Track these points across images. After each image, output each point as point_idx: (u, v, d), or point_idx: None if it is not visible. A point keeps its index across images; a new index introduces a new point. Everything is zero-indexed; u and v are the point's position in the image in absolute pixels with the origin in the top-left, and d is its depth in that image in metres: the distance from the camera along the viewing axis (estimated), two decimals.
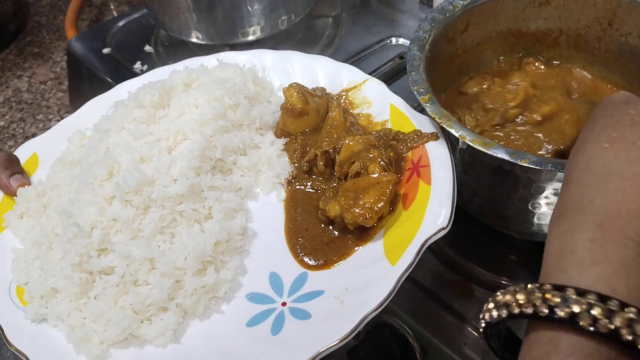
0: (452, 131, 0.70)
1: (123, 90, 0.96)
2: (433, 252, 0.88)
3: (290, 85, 0.85)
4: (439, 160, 0.75)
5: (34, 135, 1.45)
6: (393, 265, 0.67)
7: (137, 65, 1.29)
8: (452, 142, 0.76)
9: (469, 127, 0.77)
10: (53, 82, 1.65)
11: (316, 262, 0.73)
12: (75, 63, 1.38)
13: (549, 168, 0.63)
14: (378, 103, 0.87)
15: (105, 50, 1.34)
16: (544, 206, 0.73)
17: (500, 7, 0.90)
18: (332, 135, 0.82)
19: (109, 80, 1.26)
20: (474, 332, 0.79)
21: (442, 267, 0.87)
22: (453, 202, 0.70)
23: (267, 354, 0.63)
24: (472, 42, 0.93)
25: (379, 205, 0.70)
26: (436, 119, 0.72)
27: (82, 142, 0.89)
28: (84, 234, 0.70)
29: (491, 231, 0.86)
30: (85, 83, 1.35)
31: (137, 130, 0.81)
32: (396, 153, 0.78)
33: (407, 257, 0.66)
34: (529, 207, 0.74)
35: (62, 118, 1.51)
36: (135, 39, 1.38)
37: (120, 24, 1.44)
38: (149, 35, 1.40)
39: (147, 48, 1.35)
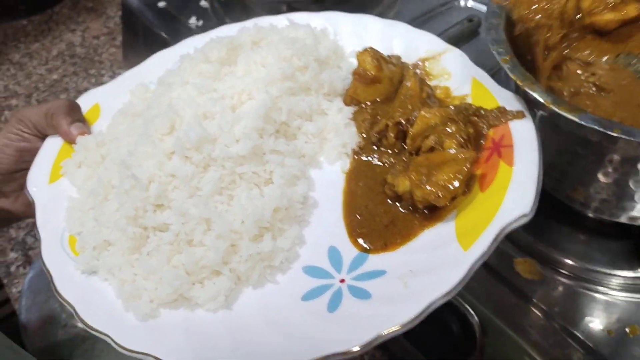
0: (536, 95, 0.63)
1: (189, 45, 0.92)
2: None
3: (365, 50, 0.80)
4: (523, 141, 0.68)
5: (86, 90, 1.45)
6: (465, 251, 0.61)
7: (192, 21, 1.26)
8: (531, 109, 0.70)
9: None
10: (106, 37, 1.64)
11: (372, 246, 0.68)
12: (130, 17, 1.36)
13: None
14: (458, 75, 0.81)
15: (161, 4, 1.32)
16: (632, 184, 0.66)
17: None
18: (406, 105, 0.76)
19: (164, 35, 1.24)
20: (539, 315, 0.74)
21: (507, 245, 0.82)
22: (538, 187, 0.63)
23: (323, 330, 0.59)
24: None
25: (454, 184, 0.65)
26: (518, 81, 0.65)
27: (146, 96, 0.86)
28: (141, 187, 0.67)
29: (562, 209, 0.80)
30: (139, 38, 1.34)
31: (202, 85, 0.77)
32: (476, 130, 0.71)
33: (482, 242, 0.60)
34: (613, 184, 0.67)
35: (115, 73, 1.51)
36: None
37: None
38: None
39: (203, 3, 1.32)
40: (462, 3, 1.23)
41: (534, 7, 0.68)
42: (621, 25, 0.62)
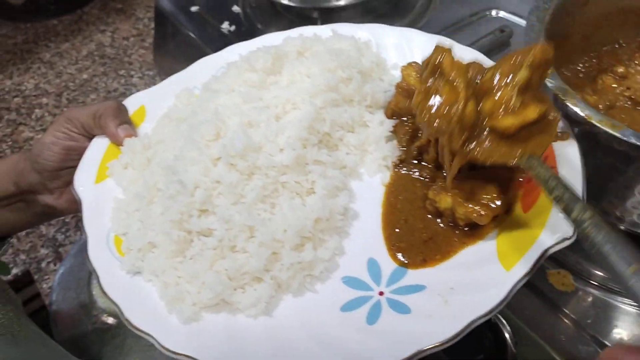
0: (577, 110, 0.65)
1: (234, 52, 0.94)
2: None
3: (409, 64, 0.80)
4: (568, 163, 0.68)
5: (115, 90, 1.49)
6: (508, 271, 0.61)
7: (225, 25, 1.28)
8: (570, 123, 0.71)
9: None
10: (135, 38, 1.67)
11: (410, 261, 0.68)
12: (162, 20, 1.38)
13: None
14: None
15: (194, 8, 1.34)
16: None
17: None
18: None
19: (196, 39, 1.26)
20: (571, 326, 0.75)
21: None
22: None
23: (362, 342, 0.60)
24: (590, 18, 0.86)
25: (497, 203, 0.65)
26: (559, 95, 0.66)
27: (190, 101, 0.88)
28: (187, 192, 0.69)
29: None
30: (171, 41, 1.36)
31: (247, 93, 0.79)
32: None
33: (525, 264, 0.61)
34: None
35: (144, 75, 1.54)
36: None
37: None
38: None
39: (235, 8, 1.34)
40: (493, 14, 1.23)
41: (433, 111, 0.65)
42: (522, 128, 0.62)
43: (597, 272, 0.80)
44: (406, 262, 0.68)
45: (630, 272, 0.45)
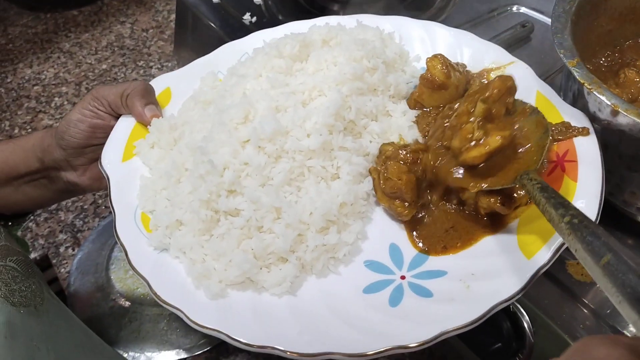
0: (604, 98, 0.66)
1: (258, 38, 0.95)
2: None
3: (435, 56, 0.82)
4: (587, 157, 0.70)
5: (134, 80, 1.50)
6: (529, 259, 0.63)
7: (247, 17, 1.28)
8: (595, 114, 0.72)
9: None
10: (155, 30, 1.68)
11: (431, 248, 0.70)
12: (184, 11, 1.38)
13: None
14: (522, 88, 0.81)
15: (215, 0, 1.34)
16: None
17: None
18: None
19: (218, 30, 1.27)
20: (590, 315, 0.75)
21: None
22: (601, 202, 0.65)
23: (386, 323, 0.62)
24: (614, 12, 0.88)
25: (519, 193, 0.67)
26: (585, 84, 0.68)
27: (215, 84, 0.90)
28: (216, 173, 0.71)
29: (613, 214, 0.80)
30: (192, 32, 1.36)
31: (275, 79, 0.80)
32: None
33: (546, 253, 0.63)
34: None
35: (163, 66, 1.56)
36: None
37: None
38: None
39: (257, 0, 1.34)
40: (514, 9, 1.24)
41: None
42: (489, 158, 0.66)
43: None
44: (426, 249, 0.70)
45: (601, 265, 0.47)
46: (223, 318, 0.64)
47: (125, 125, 0.85)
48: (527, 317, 0.75)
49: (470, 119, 0.68)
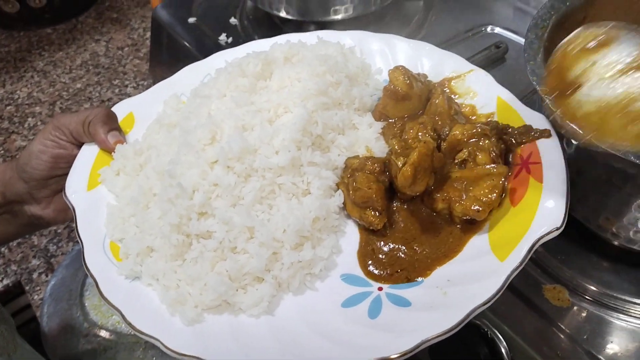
0: (576, 127, 0.65)
1: (220, 59, 0.95)
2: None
3: (396, 68, 0.83)
4: (551, 158, 0.72)
5: (109, 100, 1.48)
6: (502, 261, 0.64)
7: (222, 37, 1.28)
8: (569, 140, 0.72)
9: None
10: (130, 48, 1.67)
11: (383, 274, 0.70)
12: (159, 31, 1.38)
13: None
14: (483, 94, 0.84)
15: (191, 20, 1.34)
16: None
17: (623, 1, 0.84)
18: (437, 122, 0.79)
19: (193, 50, 1.26)
20: (567, 341, 0.75)
21: (536, 271, 0.83)
22: (567, 202, 0.67)
23: (367, 335, 0.62)
24: None
25: (491, 197, 0.68)
26: (558, 112, 0.67)
27: (178, 106, 0.89)
28: (186, 195, 0.70)
29: (590, 237, 0.82)
30: (167, 52, 1.35)
31: (240, 98, 0.80)
32: (505, 146, 0.75)
33: (518, 254, 0.64)
34: None
35: (138, 85, 1.54)
36: (221, 9, 1.37)
37: None
38: (235, 7, 1.38)
39: (233, 20, 1.34)
40: (489, 29, 1.25)
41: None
42: (424, 194, 0.72)
43: (592, 287, 0.81)
44: (380, 275, 0.70)
45: None
46: (201, 344, 0.62)
47: (88, 154, 0.83)
48: (504, 343, 0.75)
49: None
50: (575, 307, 0.79)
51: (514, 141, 0.76)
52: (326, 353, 0.60)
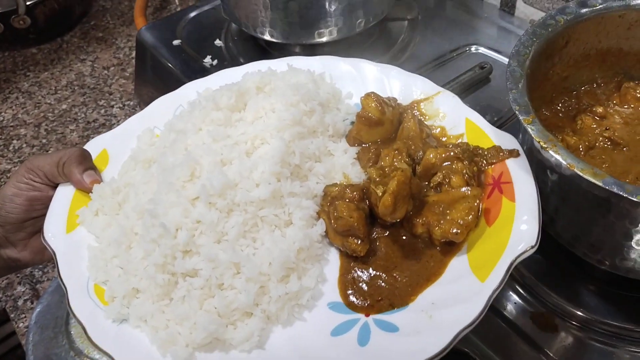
0: (559, 158, 0.66)
1: (191, 90, 0.95)
2: (515, 280, 0.85)
3: (368, 95, 0.85)
4: (521, 178, 0.75)
5: (95, 121, 1.46)
6: (483, 282, 0.67)
7: (207, 60, 1.28)
8: (552, 168, 0.73)
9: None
10: (116, 68, 1.65)
11: (364, 304, 0.71)
12: (143, 53, 1.36)
13: None
14: (452, 116, 0.87)
15: (176, 42, 1.33)
16: None
17: (604, 24, 0.86)
18: (410, 146, 0.82)
19: (178, 72, 1.25)
20: None
21: (524, 297, 0.84)
22: (539, 219, 0.70)
23: None
24: (569, 60, 0.90)
25: (468, 219, 0.71)
26: (541, 143, 0.68)
27: (152, 141, 0.89)
28: (169, 235, 0.70)
29: (577, 262, 0.82)
30: (152, 74, 1.34)
31: (216, 132, 0.80)
32: (478, 168, 0.78)
33: (497, 274, 0.66)
34: (633, 244, 0.70)
35: (125, 105, 1.52)
36: (206, 32, 1.37)
37: (192, 15, 1.42)
38: (220, 29, 1.38)
39: (218, 42, 1.34)
40: (473, 49, 1.26)
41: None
42: (404, 219, 0.74)
43: (579, 313, 0.81)
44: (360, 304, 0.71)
45: None
46: None
47: (64, 195, 0.82)
48: None
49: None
50: (563, 333, 0.79)
51: (484, 162, 0.79)
52: None
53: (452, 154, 0.76)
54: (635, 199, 0.61)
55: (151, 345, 0.67)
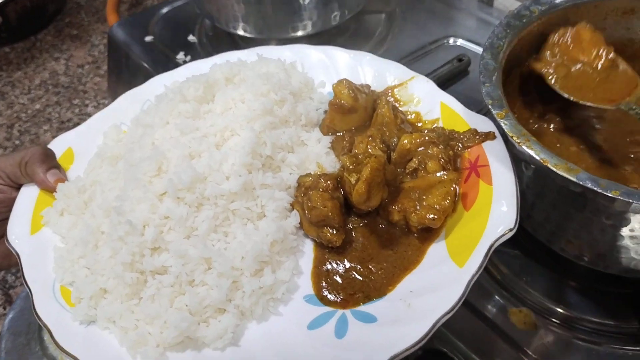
0: (533, 153, 0.64)
1: (158, 83, 0.92)
2: (494, 277, 0.84)
3: (340, 82, 0.83)
4: (498, 160, 0.73)
5: (69, 120, 1.42)
6: (461, 267, 0.65)
7: (180, 56, 1.26)
8: (527, 162, 0.71)
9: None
10: (90, 66, 1.62)
11: (338, 299, 0.68)
12: (116, 50, 1.34)
13: None
14: (427, 101, 0.86)
15: (148, 38, 1.31)
16: (627, 239, 0.67)
17: (579, 15, 0.84)
18: (384, 132, 0.80)
19: (151, 69, 1.22)
20: None
21: (503, 294, 0.82)
22: (518, 202, 0.68)
23: (336, 357, 0.61)
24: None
25: (445, 204, 0.69)
26: (514, 138, 0.66)
27: (119, 137, 0.86)
28: (136, 232, 0.67)
29: (556, 259, 0.81)
30: (125, 71, 1.31)
31: (184, 124, 0.78)
32: (453, 152, 0.76)
33: (476, 259, 0.64)
34: (610, 239, 0.69)
35: (99, 104, 1.49)
36: (178, 27, 1.35)
37: (164, 11, 1.40)
38: (193, 24, 1.35)
39: (191, 38, 1.32)
40: (451, 41, 1.25)
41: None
42: (379, 207, 0.73)
43: (558, 309, 0.80)
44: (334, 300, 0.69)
45: None
46: None
47: (28, 195, 0.79)
48: None
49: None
50: (542, 331, 0.78)
51: (461, 146, 0.77)
52: None
53: (427, 138, 0.74)
54: (609, 194, 0.59)
55: (121, 347, 0.65)
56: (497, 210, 0.68)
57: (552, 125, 0.85)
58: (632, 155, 0.80)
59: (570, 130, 0.84)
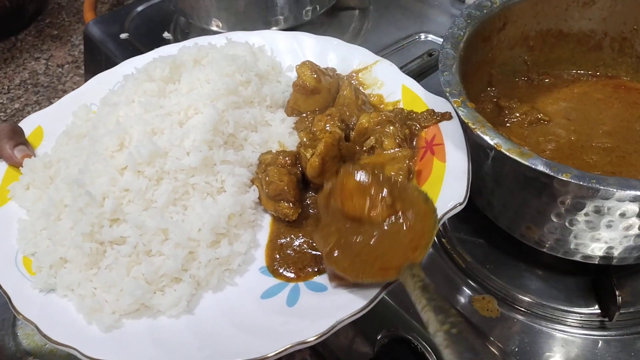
0: (487, 138, 0.66)
1: (129, 66, 0.94)
2: (459, 267, 0.85)
3: (303, 63, 0.85)
4: (453, 139, 0.75)
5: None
6: None
7: None
8: (484, 149, 0.72)
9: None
10: (70, 65, 1.63)
11: (291, 275, 0.70)
12: (92, 47, 1.35)
13: (593, 184, 0.60)
14: (389, 84, 0.88)
15: (123, 36, 1.32)
16: (582, 223, 0.69)
17: (541, 5, 0.86)
18: (345, 112, 0.82)
19: None
20: (497, 353, 0.75)
21: (466, 281, 0.83)
22: (468, 178, 0.70)
23: (285, 323, 0.63)
24: (508, 42, 0.89)
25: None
26: (469, 124, 0.68)
27: (88, 117, 0.88)
28: (96, 204, 0.69)
29: (518, 246, 0.81)
30: (101, 69, 1.33)
31: (148, 103, 0.80)
32: (410, 131, 0.78)
33: None
34: (566, 224, 0.70)
35: None
36: (154, 25, 1.36)
37: (139, 9, 1.41)
38: (168, 21, 1.37)
39: (166, 35, 1.33)
40: (422, 37, 1.27)
41: None
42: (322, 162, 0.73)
43: (523, 297, 0.81)
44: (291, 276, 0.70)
45: None
46: (120, 349, 0.62)
47: None
48: (434, 356, 0.75)
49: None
50: (505, 318, 0.79)
51: (418, 125, 0.79)
52: (245, 344, 0.61)
53: (384, 117, 0.76)
54: (562, 178, 0.60)
55: (77, 314, 0.66)
56: (448, 185, 0.70)
57: (518, 117, 0.86)
58: (599, 145, 0.82)
59: (536, 122, 0.86)
